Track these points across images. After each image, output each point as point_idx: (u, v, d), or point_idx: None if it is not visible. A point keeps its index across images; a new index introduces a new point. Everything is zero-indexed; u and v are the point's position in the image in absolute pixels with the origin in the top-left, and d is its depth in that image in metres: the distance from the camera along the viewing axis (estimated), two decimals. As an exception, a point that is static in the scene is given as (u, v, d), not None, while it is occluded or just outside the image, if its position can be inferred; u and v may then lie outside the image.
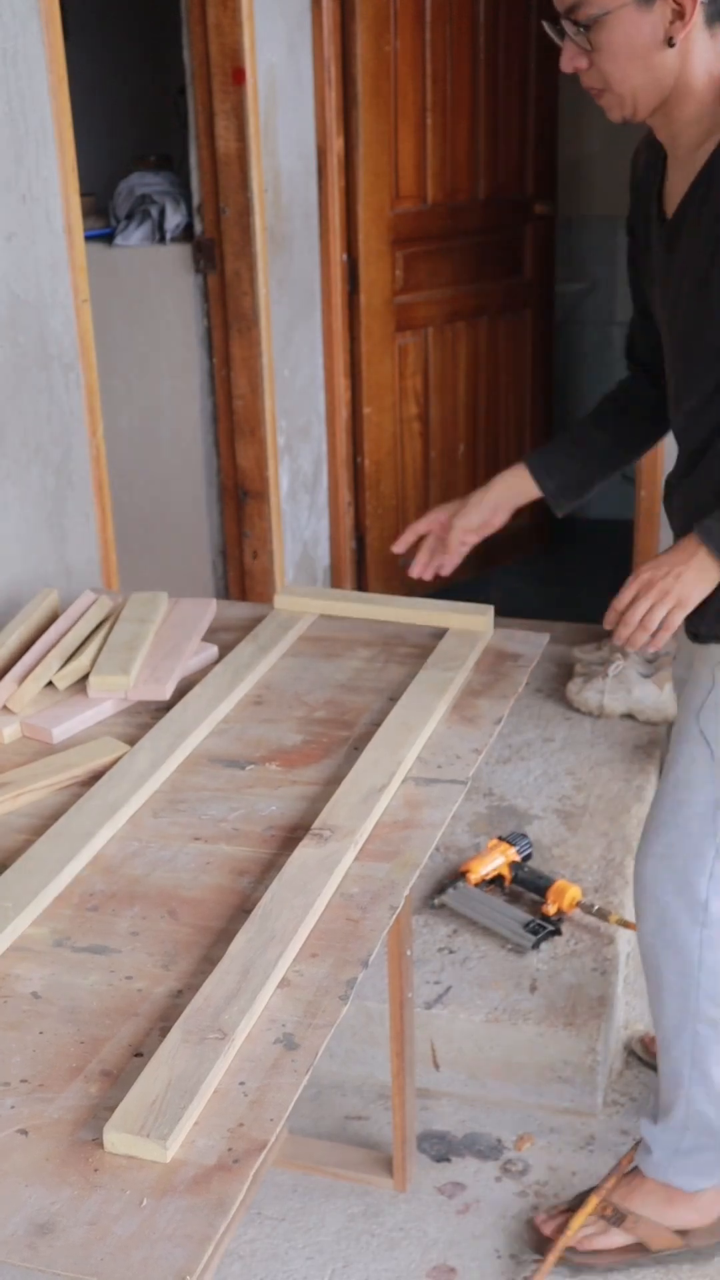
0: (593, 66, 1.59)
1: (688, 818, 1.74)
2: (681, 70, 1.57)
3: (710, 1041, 1.81)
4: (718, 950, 1.77)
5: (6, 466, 2.31)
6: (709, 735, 1.72)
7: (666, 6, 1.52)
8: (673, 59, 1.56)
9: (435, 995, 2.41)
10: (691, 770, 1.74)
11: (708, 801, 1.72)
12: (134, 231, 3.52)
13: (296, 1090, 1.10)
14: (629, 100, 1.60)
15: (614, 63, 1.57)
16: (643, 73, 1.57)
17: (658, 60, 1.56)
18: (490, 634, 1.97)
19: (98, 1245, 0.96)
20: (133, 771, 1.58)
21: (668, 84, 1.58)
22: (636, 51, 1.55)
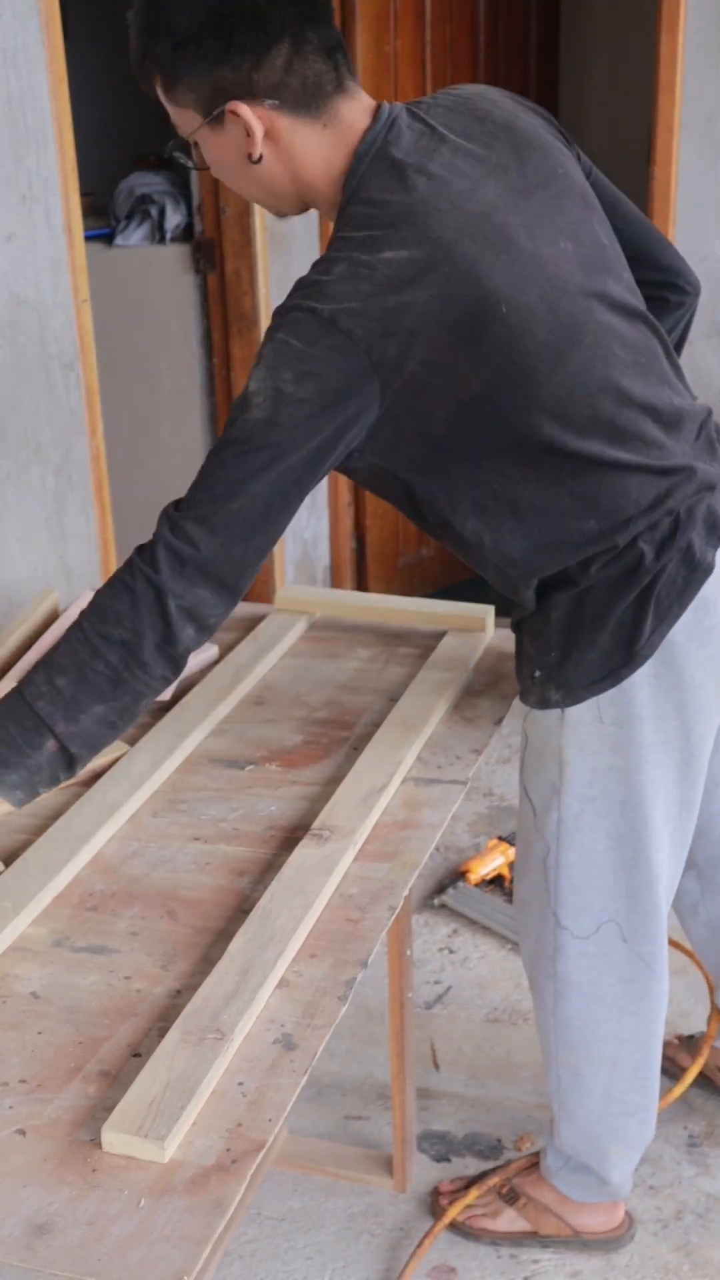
0: None
1: (530, 869, 1.71)
2: (292, 172, 1.48)
3: (571, 1087, 1.80)
4: (569, 1006, 1.73)
5: (6, 466, 2.31)
6: (529, 793, 1.68)
7: (236, 124, 1.43)
8: (271, 166, 1.47)
9: (435, 995, 2.41)
10: (525, 826, 1.71)
11: (538, 856, 1.69)
12: (134, 231, 3.52)
13: (295, 1090, 1.10)
14: (265, 204, 1.57)
15: (225, 179, 1.54)
16: (251, 185, 1.52)
17: (256, 173, 1.48)
18: (490, 634, 1.97)
19: (96, 1246, 0.96)
20: (132, 771, 1.58)
21: (284, 187, 1.51)
22: (233, 168, 1.50)
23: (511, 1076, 2.29)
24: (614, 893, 1.66)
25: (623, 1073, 1.78)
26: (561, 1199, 1.92)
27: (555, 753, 1.61)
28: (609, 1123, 1.81)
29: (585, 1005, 1.73)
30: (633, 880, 1.65)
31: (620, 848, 1.63)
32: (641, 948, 1.69)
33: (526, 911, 1.76)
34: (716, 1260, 1.93)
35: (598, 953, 1.69)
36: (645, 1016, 1.75)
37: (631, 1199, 2.01)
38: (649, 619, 1.52)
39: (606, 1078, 1.78)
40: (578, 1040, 1.76)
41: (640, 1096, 1.81)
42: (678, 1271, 1.91)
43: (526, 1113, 2.22)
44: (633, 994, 1.72)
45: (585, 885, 1.66)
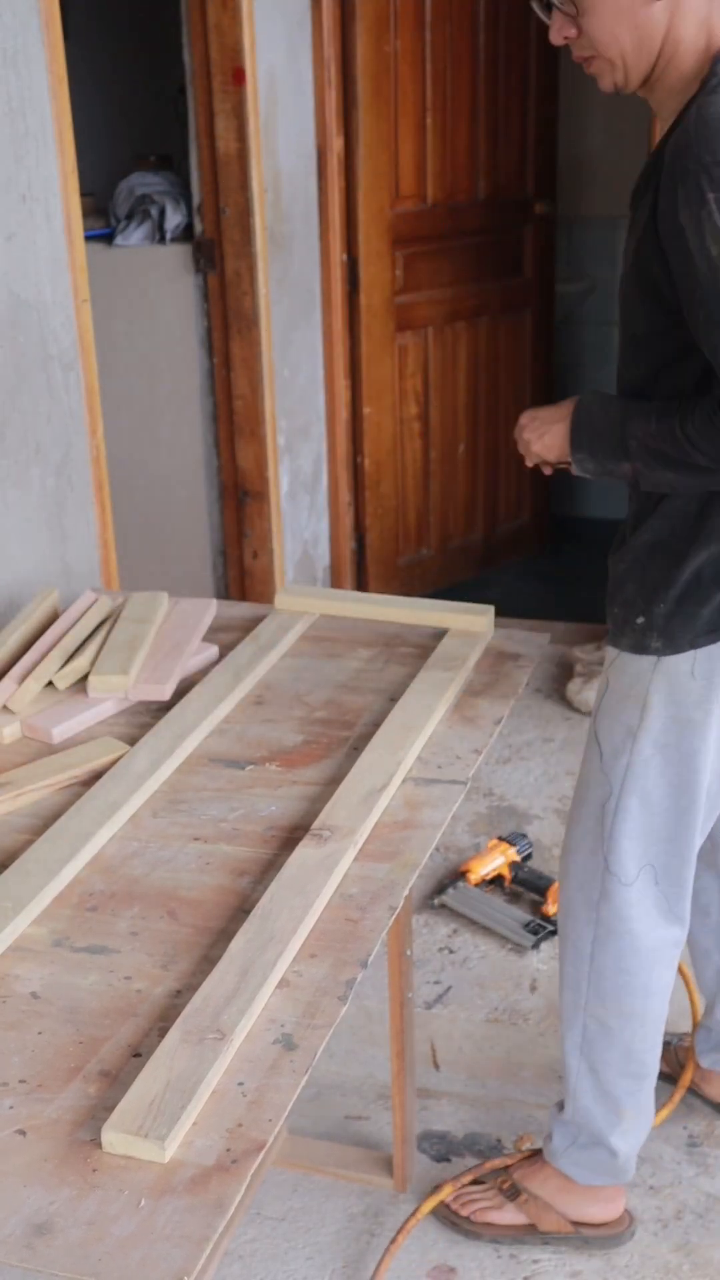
0: (581, 34, 1.54)
1: (586, 815, 1.78)
2: (671, 26, 1.51)
3: (597, 1038, 1.83)
4: (608, 953, 1.78)
5: (6, 466, 2.31)
6: (600, 737, 1.75)
7: None
8: (660, 14, 1.50)
9: (435, 995, 2.41)
10: (588, 770, 1.78)
11: (597, 801, 1.75)
12: (134, 231, 3.52)
13: (295, 1091, 1.10)
14: (619, 64, 1.55)
15: (600, 23, 1.52)
16: (630, 31, 1.51)
17: (644, 16, 1.50)
18: (490, 634, 1.97)
19: (96, 1246, 0.96)
20: (133, 771, 1.58)
21: (656, 43, 1.52)
22: (622, 9, 1.50)
23: (511, 1076, 2.29)
24: (659, 837, 1.73)
25: (645, 1030, 1.82)
26: (566, 1185, 1.92)
27: (640, 698, 1.68)
28: (626, 1083, 1.84)
29: (623, 955, 1.77)
30: (678, 827, 1.72)
31: (676, 795, 1.71)
32: (669, 890, 1.75)
33: (573, 858, 1.81)
34: (716, 1260, 1.93)
35: (638, 899, 1.75)
36: (664, 964, 1.80)
37: (631, 1199, 2.01)
38: None
39: (631, 1033, 1.81)
40: (611, 990, 1.79)
41: (652, 1059, 1.85)
42: (678, 1271, 1.91)
43: (526, 1113, 2.22)
44: (660, 942, 1.78)
45: (638, 829, 1.73)
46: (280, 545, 3.61)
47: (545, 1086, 2.26)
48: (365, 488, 3.96)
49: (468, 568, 4.41)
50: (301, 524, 3.77)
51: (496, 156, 4.09)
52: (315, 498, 3.84)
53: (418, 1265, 1.93)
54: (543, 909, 2.59)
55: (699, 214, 1.41)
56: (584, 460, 1.65)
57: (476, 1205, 1.98)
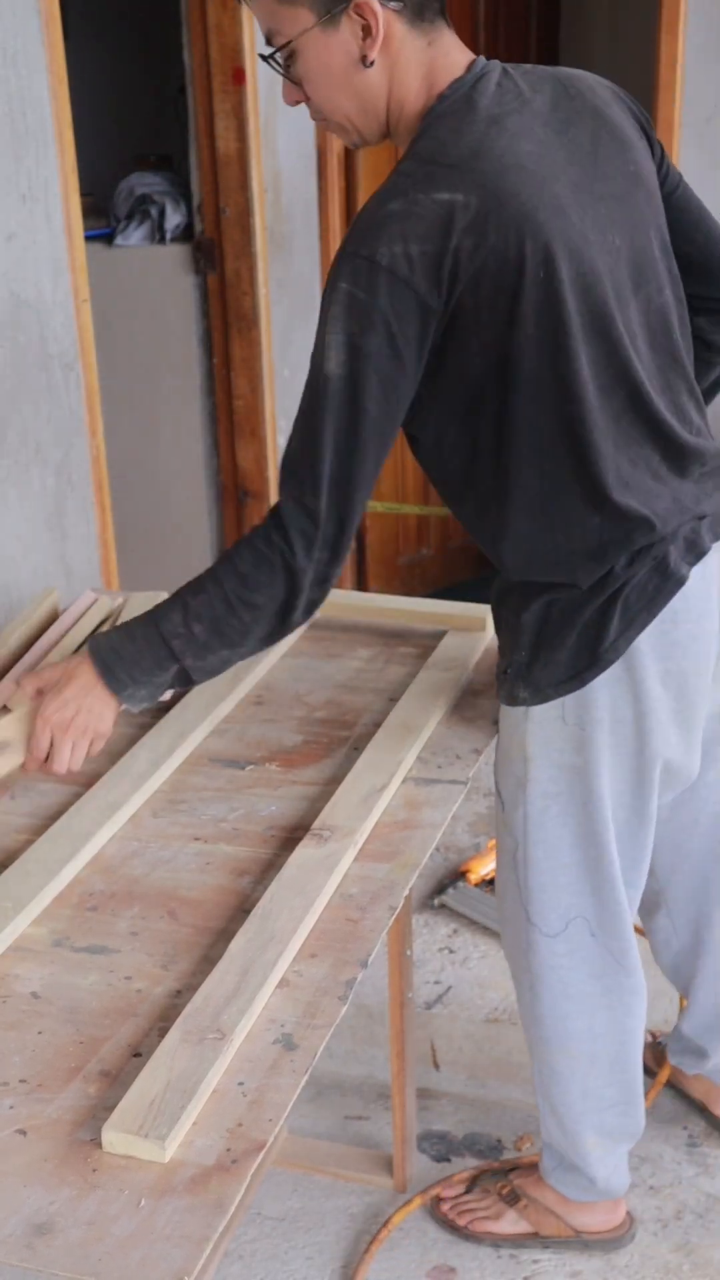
0: (308, 98, 1.50)
1: (503, 865, 1.73)
2: (391, 85, 1.46)
3: (549, 1080, 1.81)
4: (543, 1001, 1.74)
5: (6, 466, 2.31)
6: (499, 788, 1.69)
7: (354, 25, 1.41)
8: (377, 76, 1.45)
9: (435, 995, 2.41)
10: (497, 820, 1.73)
11: (508, 851, 1.70)
12: (134, 231, 3.52)
13: (295, 1090, 1.10)
14: (349, 127, 1.52)
15: (319, 91, 1.48)
16: (349, 98, 1.47)
17: (360, 82, 1.45)
18: (490, 634, 1.97)
19: (96, 1245, 0.96)
20: (132, 771, 1.58)
21: (379, 103, 1.48)
22: (335, 77, 1.45)
23: (511, 1076, 2.29)
24: (580, 889, 1.66)
25: (599, 1068, 1.78)
26: (561, 1199, 1.92)
27: (520, 748, 1.62)
28: (587, 1118, 1.81)
29: (557, 1002, 1.73)
30: (596, 878, 1.65)
31: (583, 845, 1.64)
32: (610, 943, 1.70)
33: (501, 906, 1.78)
34: (716, 1260, 1.93)
35: (567, 950, 1.70)
36: (619, 1011, 1.75)
37: (631, 1199, 2.01)
38: (615, 623, 1.52)
39: (584, 1073, 1.78)
40: (551, 1036, 1.77)
41: (617, 1090, 1.81)
42: (678, 1271, 1.91)
43: (526, 1113, 2.21)
44: (603, 989, 1.73)
45: (551, 882, 1.66)
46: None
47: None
48: (365, 488, 3.96)
49: (468, 568, 4.41)
50: (301, 524, 3.77)
51: (496, 156, 4.09)
52: (315, 498, 3.84)
53: (417, 1265, 1.93)
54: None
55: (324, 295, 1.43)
56: (134, 693, 1.55)
57: (475, 1214, 1.97)
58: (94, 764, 1.64)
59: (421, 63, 1.46)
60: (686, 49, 3.18)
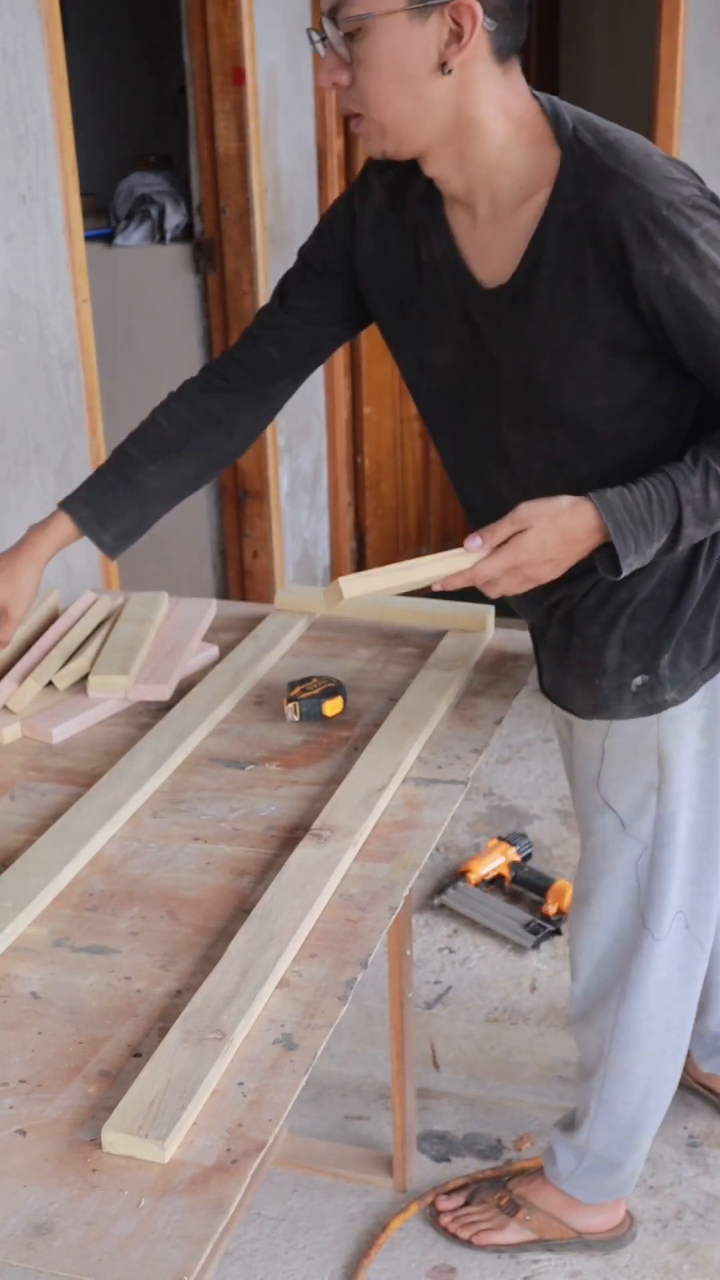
0: (353, 84, 1.36)
1: (615, 881, 1.72)
2: (461, 106, 1.36)
3: (618, 1082, 1.81)
4: (633, 1006, 1.75)
5: (6, 466, 2.31)
6: (613, 804, 1.68)
7: (443, 25, 1.31)
8: (447, 90, 1.34)
9: (435, 995, 2.41)
10: (605, 840, 1.71)
11: (628, 863, 1.70)
12: (134, 231, 3.52)
13: (295, 1091, 1.10)
14: (391, 130, 1.38)
15: (376, 81, 1.35)
16: (409, 100, 1.35)
17: (429, 88, 1.34)
18: (490, 634, 1.97)
19: (96, 1246, 0.96)
20: (132, 771, 1.58)
21: (441, 119, 1.37)
22: (403, 72, 1.33)
23: (511, 1076, 2.29)
24: (685, 878, 1.69)
25: (665, 1063, 1.81)
26: (569, 1203, 1.92)
27: (651, 751, 1.62)
28: (644, 1116, 1.84)
29: (647, 1005, 1.75)
30: (702, 862, 1.68)
31: (696, 832, 1.67)
32: (699, 930, 1.72)
33: (602, 921, 1.75)
34: (716, 1260, 1.93)
35: (668, 950, 1.72)
36: (690, 1000, 1.78)
37: (631, 1199, 2.01)
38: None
39: (651, 1070, 1.80)
40: (633, 1039, 1.78)
41: (671, 1085, 1.84)
42: (678, 1271, 1.91)
43: (526, 1113, 2.22)
44: (683, 979, 1.75)
45: (671, 883, 1.68)
46: (280, 545, 3.61)
47: (545, 1086, 2.26)
48: (365, 488, 3.97)
49: (468, 568, 4.41)
50: (301, 524, 3.77)
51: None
52: (315, 498, 3.84)
53: (417, 1265, 1.93)
54: (543, 909, 2.59)
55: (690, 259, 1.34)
56: (633, 565, 1.40)
57: (478, 1227, 1.96)
58: (94, 764, 1.64)
59: (495, 88, 1.37)
60: (686, 49, 3.18)
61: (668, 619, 1.57)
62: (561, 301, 1.41)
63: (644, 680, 1.58)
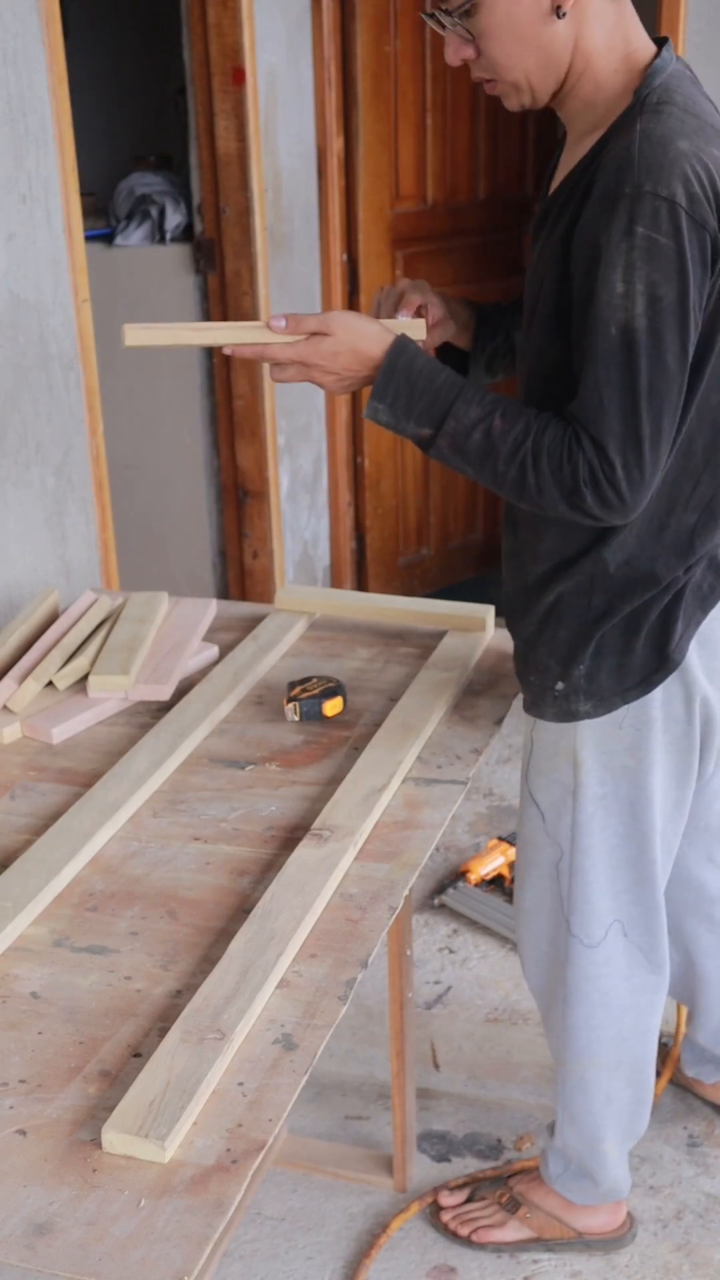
0: (480, 56, 1.43)
1: (538, 877, 1.73)
2: (578, 42, 1.41)
3: (575, 1090, 1.80)
4: (577, 1014, 1.74)
5: (6, 466, 2.31)
6: (536, 799, 1.68)
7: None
8: (564, 30, 1.39)
9: (435, 995, 2.41)
10: (531, 831, 1.72)
11: (549, 862, 1.70)
12: (134, 231, 3.52)
13: (295, 1091, 1.10)
14: (524, 86, 1.45)
15: (500, 47, 1.41)
16: (533, 52, 1.41)
17: (548, 35, 1.39)
18: (490, 634, 1.97)
19: (96, 1246, 0.96)
20: (132, 771, 1.58)
21: (563, 60, 1.42)
22: (522, 30, 1.39)
23: (511, 1076, 2.29)
24: (619, 891, 1.67)
25: (622, 1072, 1.79)
26: (565, 1204, 1.92)
27: (569, 754, 1.62)
28: (608, 1123, 1.82)
29: (593, 1012, 1.73)
30: (635, 876, 1.66)
31: (626, 845, 1.65)
32: (641, 941, 1.70)
33: (531, 919, 1.76)
34: (716, 1260, 1.93)
35: (604, 958, 1.70)
36: (644, 1012, 1.76)
37: (631, 1199, 2.01)
38: (679, 623, 1.54)
39: (608, 1079, 1.79)
40: (583, 1047, 1.76)
41: (634, 1091, 1.82)
42: (678, 1271, 1.91)
43: (526, 1113, 2.21)
44: (631, 989, 1.73)
45: (596, 890, 1.67)
46: (280, 545, 3.61)
47: (545, 1086, 2.26)
48: (365, 488, 3.97)
49: (468, 568, 4.41)
50: (301, 524, 3.77)
51: (496, 156, 4.09)
52: (315, 498, 3.84)
53: (417, 1265, 1.93)
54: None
55: (620, 244, 1.32)
56: (380, 412, 1.48)
57: (478, 1224, 1.96)
58: (94, 764, 1.64)
59: (608, 24, 1.42)
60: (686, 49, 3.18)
61: (588, 628, 1.55)
62: (555, 238, 1.44)
63: (562, 687, 1.59)
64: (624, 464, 1.38)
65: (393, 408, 1.47)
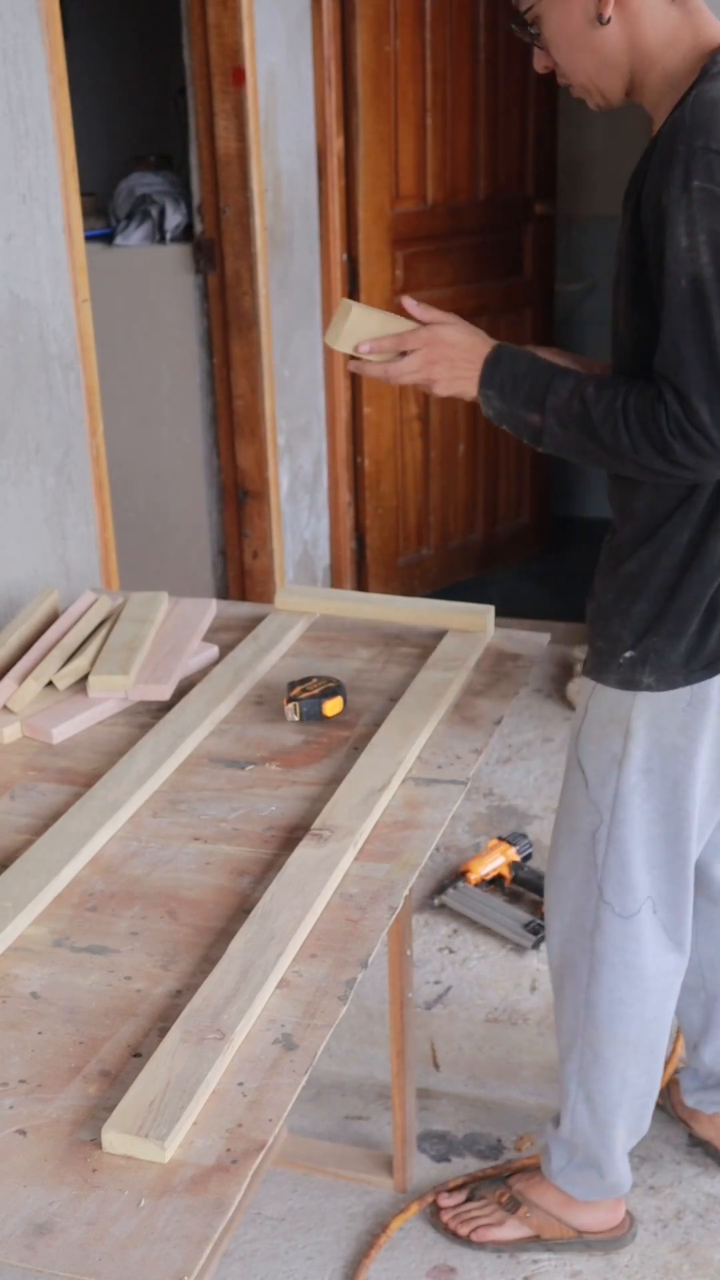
0: (556, 63, 1.57)
1: (575, 843, 1.74)
2: (633, 42, 1.50)
3: (592, 1066, 1.80)
4: (603, 985, 1.75)
5: (6, 466, 2.31)
6: (583, 763, 1.71)
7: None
8: (615, 34, 1.49)
9: (435, 995, 2.41)
10: (572, 796, 1.74)
11: (587, 829, 1.72)
12: (134, 231, 3.52)
13: (295, 1091, 1.10)
14: (592, 88, 1.56)
15: (561, 54, 1.55)
16: (590, 58, 1.52)
17: (598, 40, 1.50)
18: (490, 634, 1.97)
19: (96, 1246, 0.96)
20: (132, 771, 1.58)
21: (620, 60, 1.52)
22: (574, 38, 1.51)
23: (511, 1076, 2.29)
24: (653, 865, 1.70)
25: (640, 1056, 1.80)
26: (566, 1200, 1.92)
27: (622, 724, 1.65)
28: (622, 1109, 1.83)
29: (617, 984, 1.75)
30: (670, 854, 1.69)
31: (665, 821, 1.68)
32: (669, 919, 1.73)
33: (563, 886, 1.78)
34: (716, 1260, 1.93)
35: (636, 932, 1.72)
36: (667, 995, 1.77)
37: (631, 1199, 2.01)
38: None
39: (626, 1060, 1.80)
40: (604, 1019, 1.77)
41: (647, 1081, 1.83)
42: (678, 1271, 1.91)
43: (526, 1113, 2.22)
44: (657, 970, 1.75)
45: (633, 860, 1.69)
46: (280, 545, 3.61)
47: (545, 1087, 2.26)
48: (365, 488, 3.97)
49: (467, 568, 4.41)
50: (301, 524, 3.77)
51: (496, 156, 4.09)
52: (315, 498, 3.84)
53: (417, 1265, 1.93)
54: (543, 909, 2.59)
55: (680, 200, 1.39)
56: (491, 399, 1.58)
57: (478, 1223, 1.96)
58: (94, 764, 1.64)
59: (666, 18, 1.49)
60: (686, 49, 3.18)
61: (666, 603, 1.59)
62: (629, 209, 1.52)
63: (630, 655, 1.62)
64: (710, 410, 1.42)
65: (501, 391, 1.57)
